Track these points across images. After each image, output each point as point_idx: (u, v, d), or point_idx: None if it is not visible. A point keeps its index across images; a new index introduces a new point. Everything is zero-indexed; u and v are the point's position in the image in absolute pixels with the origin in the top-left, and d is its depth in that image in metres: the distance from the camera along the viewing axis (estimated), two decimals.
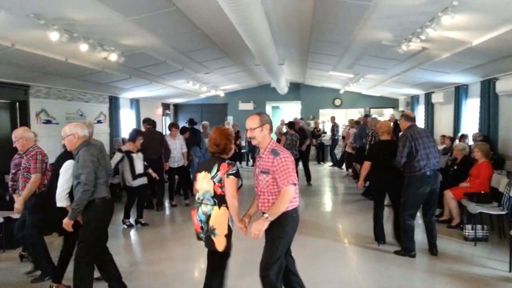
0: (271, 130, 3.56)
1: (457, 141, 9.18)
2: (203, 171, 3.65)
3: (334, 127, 15.70)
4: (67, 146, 4.19)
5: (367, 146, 8.61)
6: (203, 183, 3.61)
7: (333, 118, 16.12)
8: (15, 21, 5.13)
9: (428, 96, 12.48)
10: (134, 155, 7.20)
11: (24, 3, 4.69)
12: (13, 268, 5.33)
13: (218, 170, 3.56)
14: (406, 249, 5.59)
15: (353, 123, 12.50)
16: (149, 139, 8.07)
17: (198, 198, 3.67)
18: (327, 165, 15.70)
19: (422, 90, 12.59)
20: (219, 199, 3.54)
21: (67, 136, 4.13)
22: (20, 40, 5.93)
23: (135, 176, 7.15)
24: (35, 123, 8.56)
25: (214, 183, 3.54)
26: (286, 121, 17.07)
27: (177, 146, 8.76)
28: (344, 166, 14.08)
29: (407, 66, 9.09)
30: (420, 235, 6.51)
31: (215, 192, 3.55)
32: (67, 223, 3.95)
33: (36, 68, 7.39)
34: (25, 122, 8.38)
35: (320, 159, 16.38)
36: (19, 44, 6.00)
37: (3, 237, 5.96)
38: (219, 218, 3.52)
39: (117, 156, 7.19)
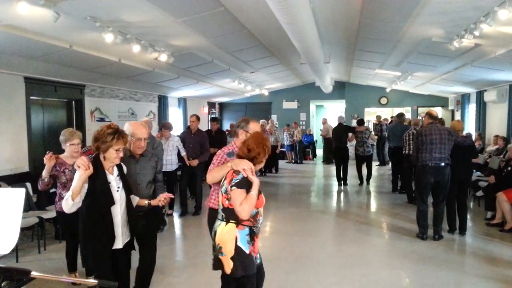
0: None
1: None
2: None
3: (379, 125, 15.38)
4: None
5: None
6: (220, 193, 3.13)
7: (379, 117, 15.85)
8: (73, 24, 5.42)
9: (480, 95, 12.00)
10: None
11: (82, 6, 4.94)
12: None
13: (225, 178, 3.06)
14: (420, 231, 6.27)
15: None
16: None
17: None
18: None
19: (474, 88, 12.12)
20: (227, 213, 2.99)
21: None
22: (77, 42, 6.25)
23: None
24: (89, 121, 9.00)
25: (222, 194, 3.05)
26: (328, 119, 17.23)
27: (169, 148, 7.56)
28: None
29: (458, 63, 8.80)
30: (469, 239, 6.36)
31: (223, 204, 3.04)
32: None
33: (91, 68, 7.76)
34: (81, 120, 8.84)
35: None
36: (76, 45, 6.32)
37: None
38: (224, 236, 2.95)
39: None
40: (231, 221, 2.96)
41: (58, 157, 4.34)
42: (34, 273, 1.50)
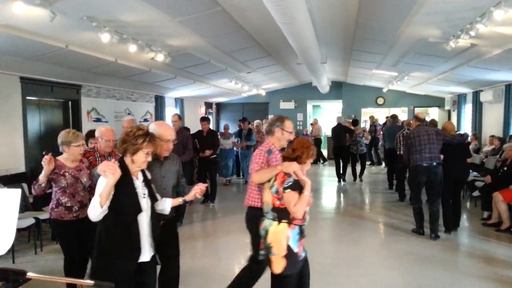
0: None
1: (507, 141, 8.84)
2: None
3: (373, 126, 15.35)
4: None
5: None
6: (266, 193, 3.31)
7: (372, 118, 15.89)
8: (69, 23, 5.40)
9: (476, 95, 12.04)
10: None
11: (78, 6, 4.93)
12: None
13: (275, 179, 3.24)
14: (416, 226, 6.50)
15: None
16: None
17: (264, 211, 3.34)
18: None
19: (470, 88, 12.16)
20: (278, 213, 3.15)
21: None
22: (73, 42, 6.23)
23: None
24: (86, 121, 8.98)
25: (272, 194, 3.21)
26: (325, 120, 17.24)
27: None
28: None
29: (454, 63, 8.82)
30: (466, 239, 6.39)
31: (273, 204, 3.20)
32: None
33: (88, 68, 7.73)
34: (77, 120, 8.81)
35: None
36: (73, 45, 6.29)
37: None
38: (276, 235, 3.11)
39: None
40: (283, 220, 3.13)
41: (56, 159, 3.96)
42: (30, 274, 1.49)
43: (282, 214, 3.13)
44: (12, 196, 1.48)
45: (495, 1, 4.73)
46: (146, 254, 2.90)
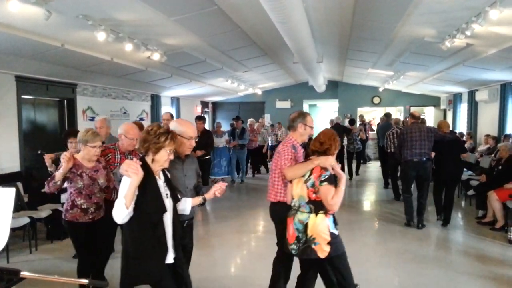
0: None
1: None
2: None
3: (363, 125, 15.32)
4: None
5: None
6: (297, 187, 3.36)
7: (361, 117, 15.91)
8: (65, 22, 5.39)
9: (471, 94, 12.09)
10: None
11: (74, 5, 4.92)
12: (62, 258, 5.59)
13: (311, 173, 3.31)
14: (406, 219, 6.85)
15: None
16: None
17: (294, 205, 3.40)
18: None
19: (465, 87, 12.21)
20: (315, 205, 3.25)
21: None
22: (69, 41, 6.21)
23: None
24: (81, 120, 8.95)
25: (308, 188, 3.29)
26: (320, 119, 17.16)
27: None
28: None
29: (450, 63, 8.85)
30: (461, 238, 6.42)
31: (309, 197, 3.28)
32: None
33: (83, 67, 7.70)
34: (72, 119, 8.78)
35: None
36: (68, 44, 6.28)
37: (50, 228, 6.26)
38: (317, 227, 3.22)
39: None
40: (320, 212, 3.24)
41: (75, 159, 3.78)
42: (24, 273, 1.49)
43: (319, 206, 3.24)
44: (7, 195, 1.47)
45: (490, 0, 4.75)
46: (170, 255, 2.84)
